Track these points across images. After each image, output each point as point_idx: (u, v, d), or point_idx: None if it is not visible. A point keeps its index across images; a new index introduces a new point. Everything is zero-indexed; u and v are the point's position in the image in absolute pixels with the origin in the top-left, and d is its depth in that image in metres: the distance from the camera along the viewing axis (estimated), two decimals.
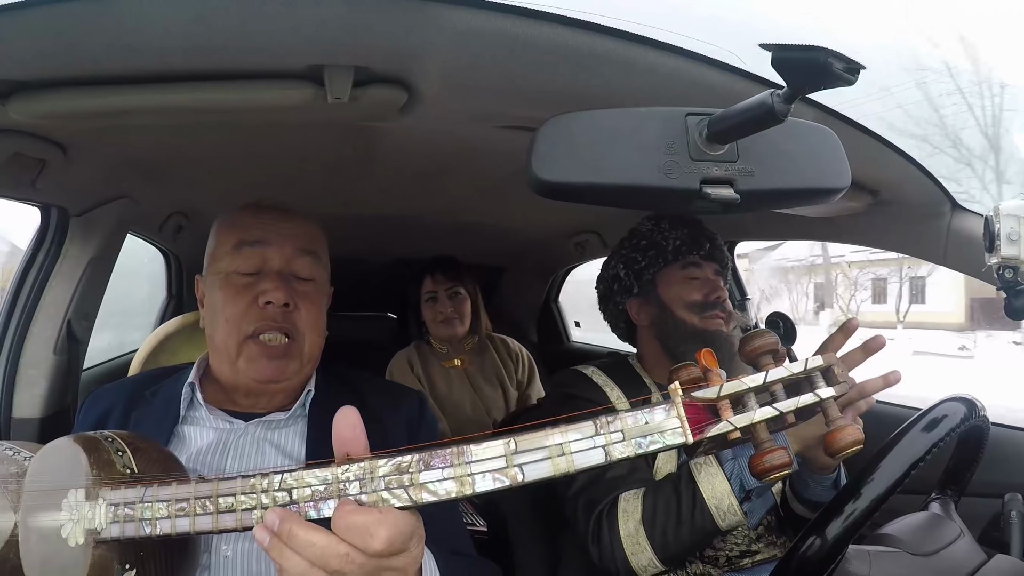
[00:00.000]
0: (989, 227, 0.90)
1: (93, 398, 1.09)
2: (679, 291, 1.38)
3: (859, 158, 0.83)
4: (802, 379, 0.65)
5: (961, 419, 0.93)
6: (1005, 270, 0.90)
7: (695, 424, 0.62)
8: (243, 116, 1.08)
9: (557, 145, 0.69)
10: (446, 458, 0.63)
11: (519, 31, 0.81)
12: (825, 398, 0.64)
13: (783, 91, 0.62)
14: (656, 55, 0.86)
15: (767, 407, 0.63)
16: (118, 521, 0.71)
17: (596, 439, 0.62)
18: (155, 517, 0.69)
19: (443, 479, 0.63)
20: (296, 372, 1.02)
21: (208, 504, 0.68)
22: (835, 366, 0.65)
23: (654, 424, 0.62)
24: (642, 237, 1.43)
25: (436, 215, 2.16)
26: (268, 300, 0.99)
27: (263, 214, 1.06)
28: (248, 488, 0.67)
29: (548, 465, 0.62)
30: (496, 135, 1.18)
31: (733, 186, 0.71)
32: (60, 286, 1.58)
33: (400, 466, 0.64)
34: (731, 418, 0.62)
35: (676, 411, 0.63)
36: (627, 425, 0.62)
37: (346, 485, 0.64)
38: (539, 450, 0.62)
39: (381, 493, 0.63)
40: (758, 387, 0.64)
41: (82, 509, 0.73)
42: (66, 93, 0.95)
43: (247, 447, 1.01)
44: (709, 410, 0.63)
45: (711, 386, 0.63)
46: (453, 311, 2.35)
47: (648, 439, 0.62)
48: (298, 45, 0.86)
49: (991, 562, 0.93)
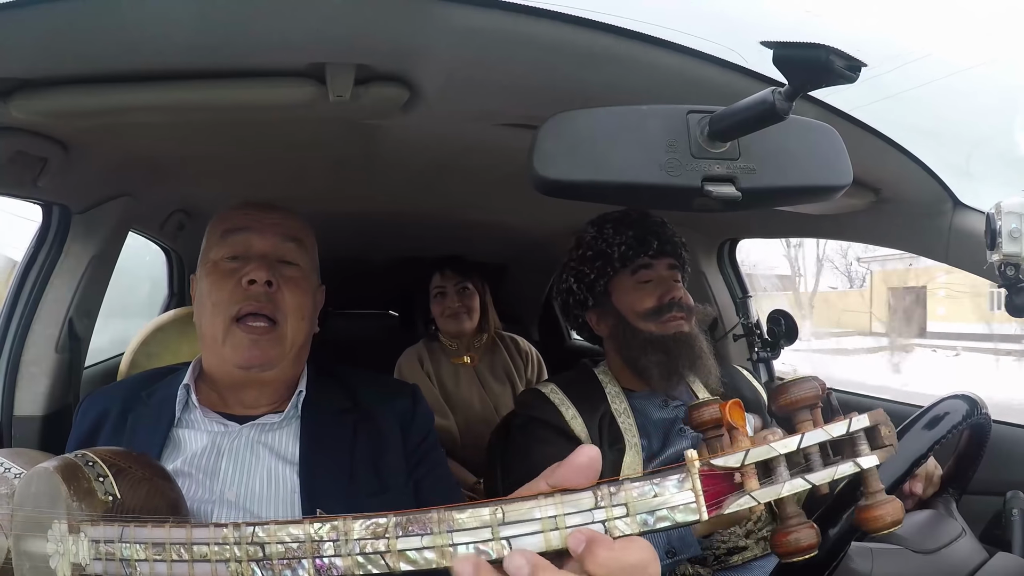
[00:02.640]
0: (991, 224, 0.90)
1: (89, 402, 1.09)
2: (632, 300, 1.34)
3: (861, 155, 0.82)
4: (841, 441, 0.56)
5: (963, 417, 0.93)
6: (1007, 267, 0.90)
7: (711, 497, 0.54)
8: (245, 114, 1.09)
9: (559, 143, 0.69)
10: (426, 525, 0.56)
11: (520, 29, 0.81)
12: (867, 468, 0.55)
13: (785, 89, 0.62)
14: (657, 53, 0.86)
15: (799, 478, 0.55)
16: (100, 559, 0.68)
17: (595, 513, 0.55)
18: (135, 558, 0.66)
19: (422, 547, 0.56)
20: (280, 358, 1.02)
21: (183, 551, 0.64)
22: (883, 425, 0.56)
23: (664, 498, 0.54)
24: (587, 247, 1.39)
25: (437, 213, 2.16)
26: (251, 279, 0.99)
27: (249, 207, 1.08)
28: (220, 539, 0.62)
29: (540, 540, 0.54)
30: (498, 133, 1.18)
31: (735, 184, 0.71)
32: (62, 284, 1.58)
33: (376, 530, 0.58)
34: (755, 492, 0.54)
35: (691, 484, 0.54)
36: (632, 498, 0.55)
37: (319, 545, 0.59)
38: (529, 522, 0.55)
39: (356, 557, 0.57)
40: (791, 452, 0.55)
41: (66, 543, 0.71)
42: (68, 91, 0.95)
43: (242, 450, 1.01)
44: (728, 479, 0.55)
45: (735, 450, 0.55)
46: (461, 306, 2.35)
47: (655, 515, 0.54)
48: (300, 43, 0.87)
49: (993, 560, 0.93)
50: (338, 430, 1.04)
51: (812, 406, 0.57)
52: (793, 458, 0.56)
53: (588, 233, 1.41)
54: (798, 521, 0.55)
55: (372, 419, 1.07)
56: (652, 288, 1.34)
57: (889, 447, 0.56)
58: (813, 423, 0.56)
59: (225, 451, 1.00)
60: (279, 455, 1.02)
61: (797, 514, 0.56)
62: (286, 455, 1.02)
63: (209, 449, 1.00)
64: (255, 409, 1.05)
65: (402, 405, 1.11)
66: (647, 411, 1.33)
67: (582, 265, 1.39)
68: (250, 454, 1.01)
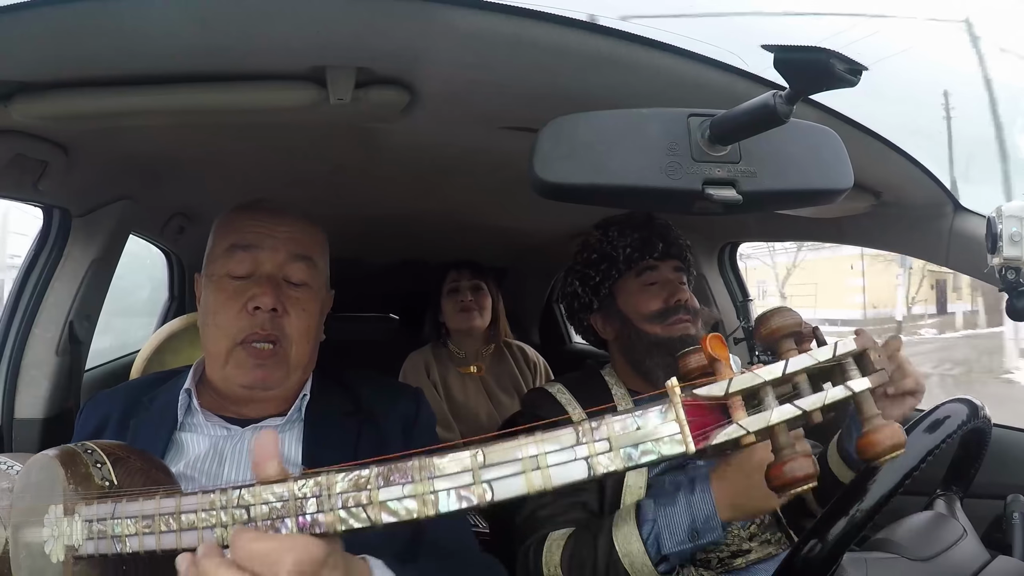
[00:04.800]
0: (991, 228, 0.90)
1: (92, 404, 1.09)
2: (637, 302, 1.33)
3: (861, 159, 0.82)
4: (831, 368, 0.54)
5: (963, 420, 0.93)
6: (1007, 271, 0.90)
7: (698, 428, 0.52)
8: (245, 117, 1.08)
9: (559, 146, 0.69)
10: (407, 473, 0.56)
11: (521, 32, 0.81)
12: (859, 391, 0.53)
13: (785, 92, 0.62)
14: (658, 56, 0.86)
15: (788, 405, 0.53)
16: (93, 537, 0.69)
17: (577, 449, 0.53)
18: (124, 534, 0.67)
19: (403, 496, 0.55)
20: (282, 380, 1.02)
21: (172, 521, 0.64)
22: (871, 350, 0.54)
23: (648, 430, 0.52)
24: (592, 250, 1.38)
25: (438, 216, 2.16)
26: (256, 305, 0.99)
27: (259, 216, 1.05)
28: (207, 504, 0.62)
29: (521, 481, 0.53)
30: (498, 136, 1.18)
31: (735, 187, 0.71)
32: (62, 287, 1.58)
33: (358, 482, 0.57)
34: (743, 420, 0.52)
35: (674, 413, 0.52)
36: (614, 432, 0.53)
37: (303, 502, 0.59)
38: (510, 463, 0.53)
39: (339, 512, 0.57)
40: (776, 380, 0.53)
41: (61, 525, 0.72)
42: (68, 94, 0.95)
43: (244, 453, 1.00)
44: (717, 409, 0.53)
45: (719, 379, 0.53)
46: (473, 301, 2.35)
47: (640, 448, 0.52)
48: (300, 46, 0.87)
49: (993, 563, 0.92)
50: (341, 433, 1.04)
51: (795, 334, 0.56)
52: (781, 387, 0.54)
53: (593, 236, 1.40)
54: (791, 452, 0.53)
55: (375, 422, 1.07)
56: (657, 290, 1.33)
57: (881, 371, 0.54)
58: (798, 352, 0.55)
59: (227, 454, 1.00)
60: (282, 458, 1.01)
61: (790, 444, 0.53)
62: (289, 458, 1.01)
63: (211, 453, 1.00)
64: (257, 413, 1.05)
65: (406, 408, 1.11)
66: None
67: (587, 268, 1.39)
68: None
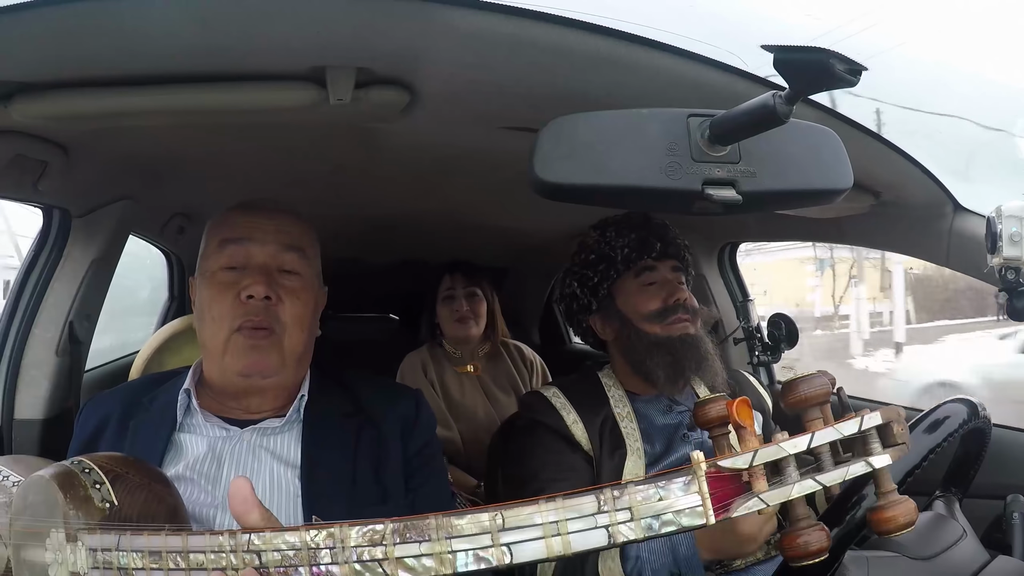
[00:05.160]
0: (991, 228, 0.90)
1: (92, 405, 1.09)
2: (636, 302, 1.33)
3: (861, 159, 0.82)
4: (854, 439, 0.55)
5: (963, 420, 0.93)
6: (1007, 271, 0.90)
7: (719, 500, 0.53)
8: (245, 117, 1.08)
9: (559, 146, 0.69)
10: (424, 532, 0.56)
11: (521, 33, 0.81)
12: (879, 468, 0.54)
13: (785, 92, 0.62)
14: (658, 56, 0.86)
15: (809, 480, 0.53)
16: (98, 567, 0.68)
17: (598, 518, 0.53)
18: (132, 567, 0.66)
19: (420, 555, 0.55)
20: (278, 367, 1.01)
21: (180, 559, 0.64)
22: (896, 423, 0.55)
23: (670, 501, 0.53)
24: (590, 251, 1.38)
25: (438, 216, 2.16)
26: (249, 294, 0.99)
27: (249, 213, 1.06)
28: (216, 546, 0.62)
29: (540, 546, 0.54)
30: (498, 136, 1.18)
31: (735, 187, 0.71)
32: (62, 287, 1.58)
33: (373, 536, 0.57)
34: (764, 493, 0.52)
35: (698, 486, 0.53)
36: (636, 502, 0.53)
37: (315, 553, 0.58)
38: (530, 528, 0.54)
39: (354, 565, 0.57)
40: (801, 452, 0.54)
41: (64, 551, 0.71)
42: (68, 95, 0.95)
43: (243, 455, 1.00)
44: (735, 481, 0.54)
45: (743, 450, 0.54)
46: (469, 310, 2.32)
47: (661, 519, 0.53)
48: (300, 47, 0.87)
49: (993, 563, 0.92)
50: (340, 434, 1.04)
51: (822, 403, 0.56)
52: (803, 458, 0.54)
53: (590, 237, 1.40)
54: (808, 523, 0.54)
55: (375, 424, 1.07)
56: (656, 290, 1.33)
57: (902, 445, 0.54)
58: (823, 421, 0.55)
59: (227, 456, 1.00)
60: (281, 459, 1.01)
61: (807, 516, 0.54)
62: (288, 459, 1.01)
63: (210, 454, 1.00)
64: (257, 414, 1.04)
65: (405, 410, 1.11)
66: (650, 416, 1.33)
67: (585, 269, 1.38)
68: (252, 458, 1.00)
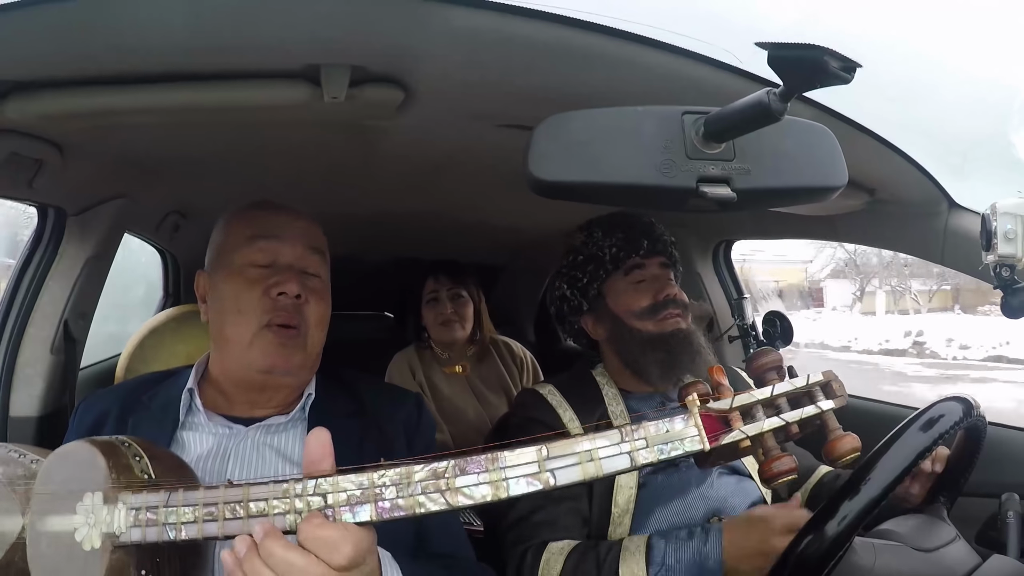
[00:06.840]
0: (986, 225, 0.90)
1: (88, 403, 1.09)
2: (627, 300, 1.34)
3: (856, 156, 0.83)
4: (804, 394, 0.73)
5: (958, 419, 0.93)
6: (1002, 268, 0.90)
7: (710, 432, 0.68)
8: (240, 115, 1.08)
9: (554, 144, 0.69)
10: (481, 463, 0.67)
11: (516, 30, 0.81)
12: (826, 410, 0.72)
13: (779, 89, 0.62)
14: (653, 54, 0.86)
15: (774, 418, 0.71)
16: (139, 525, 0.72)
17: (622, 446, 0.67)
18: (180, 522, 0.71)
19: (478, 483, 0.67)
20: (300, 365, 1.02)
21: (239, 508, 0.70)
22: (834, 381, 0.73)
23: (674, 432, 0.68)
24: (578, 252, 1.39)
25: (433, 214, 2.16)
26: (282, 291, 1.00)
27: (276, 212, 1.08)
28: (281, 493, 0.69)
29: (578, 470, 0.67)
30: (493, 134, 1.18)
31: (730, 184, 0.71)
32: (57, 286, 1.57)
33: (436, 471, 0.68)
34: (742, 427, 0.69)
35: (694, 420, 0.69)
36: (650, 433, 0.68)
37: (382, 490, 0.68)
38: (569, 456, 0.67)
39: (417, 497, 0.67)
40: (765, 400, 0.71)
41: (99, 513, 0.73)
42: (63, 93, 0.95)
43: (248, 452, 1.01)
44: (721, 421, 0.70)
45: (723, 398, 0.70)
46: (454, 313, 2.29)
47: (669, 446, 0.68)
48: (294, 44, 0.86)
49: (988, 562, 0.93)
50: (345, 433, 1.03)
51: (777, 367, 0.75)
52: (767, 406, 0.71)
53: (577, 238, 1.41)
54: (778, 452, 0.70)
55: (378, 425, 1.07)
56: (646, 287, 1.34)
57: (841, 398, 0.73)
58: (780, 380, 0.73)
59: (231, 453, 1.00)
60: (285, 456, 1.01)
61: (775, 447, 0.70)
62: (292, 456, 1.01)
63: (215, 451, 1.00)
64: (262, 411, 1.05)
65: (407, 412, 1.12)
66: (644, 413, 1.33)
67: (574, 270, 1.39)
68: (256, 456, 1.01)
